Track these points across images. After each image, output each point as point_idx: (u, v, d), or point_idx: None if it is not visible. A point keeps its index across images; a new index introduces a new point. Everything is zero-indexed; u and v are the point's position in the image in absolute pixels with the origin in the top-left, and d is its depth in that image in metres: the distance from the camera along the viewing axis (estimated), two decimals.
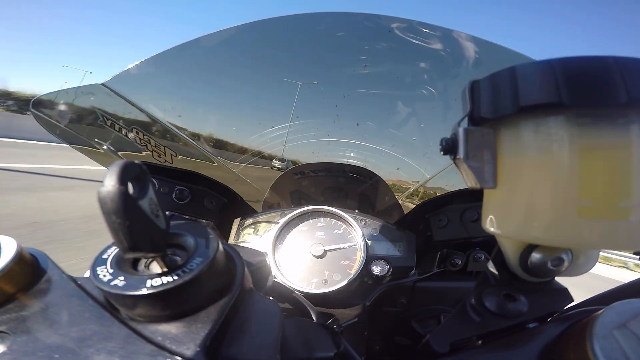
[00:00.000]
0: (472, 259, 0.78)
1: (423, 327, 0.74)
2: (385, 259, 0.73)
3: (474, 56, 0.89)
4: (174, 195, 0.82)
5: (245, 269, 0.29)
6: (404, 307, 0.78)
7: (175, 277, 0.23)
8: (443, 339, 0.38)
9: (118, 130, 0.90)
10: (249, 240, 0.82)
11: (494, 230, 0.30)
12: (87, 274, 0.25)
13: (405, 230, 0.80)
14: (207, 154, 1.02)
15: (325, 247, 0.75)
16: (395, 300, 0.79)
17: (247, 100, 1.14)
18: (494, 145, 0.28)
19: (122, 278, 0.24)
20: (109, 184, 0.19)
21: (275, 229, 0.79)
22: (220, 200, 0.86)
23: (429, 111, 1.05)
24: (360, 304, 0.70)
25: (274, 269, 0.72)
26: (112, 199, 0.19)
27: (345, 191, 1.09)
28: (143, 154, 0.93)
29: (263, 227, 0.84)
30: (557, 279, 0.40)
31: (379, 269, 0.72)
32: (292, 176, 1.05)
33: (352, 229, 0.78)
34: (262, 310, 0.27)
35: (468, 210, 0.76)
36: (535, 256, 0.34)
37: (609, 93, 0.23)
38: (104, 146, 0.92)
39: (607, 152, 0.24)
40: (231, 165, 1.06)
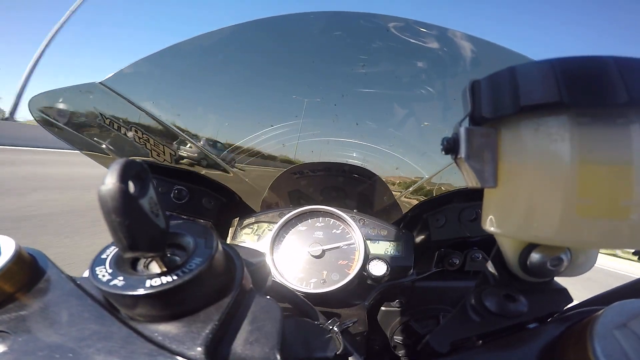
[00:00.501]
0: (470, 258, 0.78)
1: (422, 327, 0.74)
2: (383, 258, 0.73)
3: (472, 56, 0.89)
4: (172, 195, 0.82)
5: (245, 269, 0.29)
6: (402, 306, 0.79)
7: (174, 277, 0.23)
8: (443, 339, 0.38)
9: (117, 129, 0.90)
10: (247, 240, 0.82)
11: (494, 229, 0.30)
12: (86, 273, 0.25)
13: (404, 230, 0.80)
14: (207, 153, 1.01)
15: (324, 247, 0.75)
16: (394, 300, 0.79)
17: (245, 99, 1.14)
18: (494, 144, 0.28)
19: (121, 278, 0.24)
20: (110, 182, 0.19)
21: (273, 228, 0.79)
22: (219, 200, 0.86)
23: (427, 111, 1.05)
24: (360, 304, 0.70)
25: (272, 269, 0.72)
26: (113, 198, 0.19)
27: (344, 191, 1.09)
28: (142, 153, 0.93)
29: (262, 227, 0.84)
30: (557, 279, 0.40)
31: (378, 268, 0.72)
32: (290, 176, 1.05)
33: (351, 229, 0.78)
34: (261, 310, 0.27)
35: (466, 210, 0.76)
36: (535, 256, 0.34)
37: (609, 93, 0.23)
38: (103, 145, 0.92)
39: (608, 151, 0.24)
40: (230, 165, 1.06)
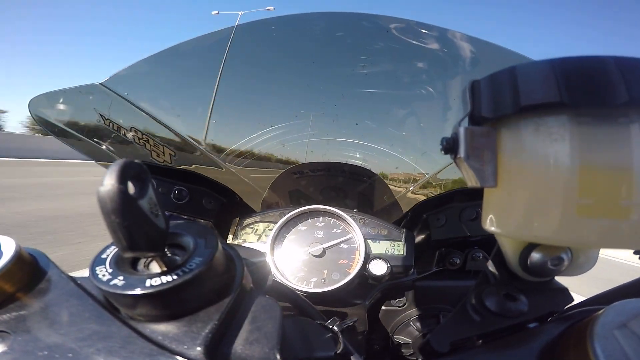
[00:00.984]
0: (471, 257, 0.78)
1: (422, 327, 0.74)
2: (384, 258, 0.73)
3: (472, 56, 0.90)
4: (172, 195, 0.81)
5: (245, 269, 0.29)
6: (403, 306, 0.78)
7: (174, 277, 0.23)
8: (443, 338, 0.38)
9: (116, 130, 0.90)
10: (247, 239, 0.82)
11: (494, 229, 0.30)
12: (86, 273, 0.25)
13: (404, 230, 0.80)
14: (207, 153, 1.02)
15: (324, 247, 0.75)
16: (395, 300, 0.79)
17: (244, 100, 1.14)
18: (494, 144, 0.28)
19: (121, 277, 0.24)
20: (109, 182, 0.19)
21: (274, 228, 0.79)
22: (219, 200, 0.86)
23: (427, 111, 1.05)
24: (360, 304, 0.70)
25: (272, 269, 0.72)
26: (112, 198, 0.19)
27: (344, 190, 1.09)
28: (142, 154, 0.93)
29: (262, 227, 0.84)
30: (557, 278, 0.40)
31: (378, 268, 0.72)
32: (290, 176, 1.04)
33: (351, 229, 0.78)
34: (262, 309, 0.27)
35: (466, 210, 0.76)
36: (535, 255, 0.34)
37: (610, 93, 0.23)
38: (103, 146, 0.92)
39: (608, 151, 0.24)
40: (230, 165, 1.06)
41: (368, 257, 0.73)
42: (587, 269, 0.35)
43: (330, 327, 0.42)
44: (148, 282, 0.23)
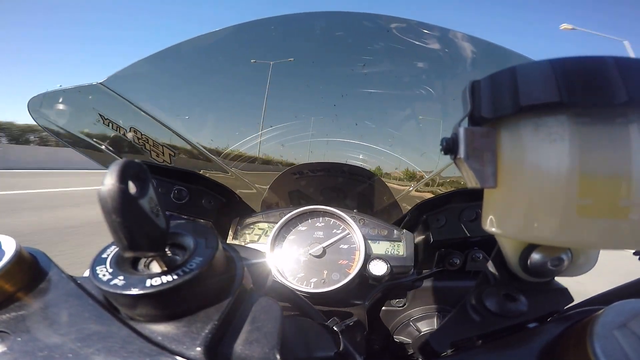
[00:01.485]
0: (471, 258, 0.78)
1: (422, 327, 0.74)
2: (384, 258, 0.73)
3: (473, 56, 0.89)
4: (172, 195, 0.81)
5: (245, 269, 0.29)
6: (403, 306, 0.79)
7: (174, 277, 0.23)
8: (443, 338, 0.38)
9: (116, 130, 0.90)
10: (247, 240, 0.82)
11: (494, 230, 0.30)
12: (87, 273, 0.25)
13: (404, 230, 0.80)
14: (206, 153, 1.02)
15: (324, 247, 0.75)
16: (394, 300, 0.79)
17: (244, 100, 1.14)
18: (494, 145, 0.28)
19: (121, 277, 0.24)
20: (109, 182, 0.19)
21: (274, 228, 0.79)
22: (219, 200, 0.85)
23: (427, 111, 1.05)
24: (360, 304, 0.71)
25: (272, 269, 0.72)
26: (112, 198, 0.19)
27: (344, 191, 1.09)
28: (141, 154, 0.93)
29: (262, 227, 0.84)
30: (557, 278, 0.40)
31: (378, 268, 0.72)
32: (290, 176, 1.05)
33: (351, 229, 0.78)
34: (261, 310, 0.27)
35: (466, 210, 0.76)
36: (535, 256, 0.34)
37: (609, 93, 0.23)
38: (102, 146, 0.92)
39: (607, 151, 0.24)
40: (230, 165, 1.06)
41: (368, 258, 0.73)
42: (587, 270, 0.35)
43: (330, 327, 0.42)
44: (148, 282, 0.23)
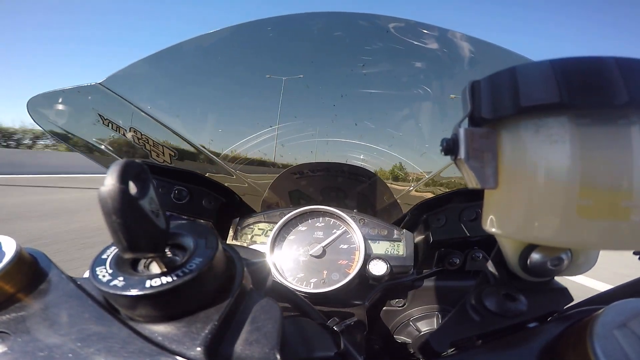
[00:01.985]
0: (470, 258, 0.78)
1: (422, 327, 0.74)
2: (384, 258, 0.73)
3: (472, 56, 0.89)
4: (172, 195, 0.81)
5: (245, 269, 0.29)
6: (402, 306, 0.79)
7: (174, 277, 0.23)
8: (443, 338, 0.38)
9: (116, 130, 0.90)
10: (247, 240, 0.82)
11: (495, 230, 0.30)
12: (87, 274, 0.25)
13: (404, 230, 0.80)
14: (206, 154, 1.02)
15: (324, 247, 0.75)
16: (394, 300, 0.79)
17: (244, 100, 1.14)
18: (494, 145, 0.28)
19: (121, 278, 0.24)
20: (110, 183, 0.19)
21: (274, 229, 0.79)
22: (219, 200, 0.85)
23: (427, 111, 1.05)
24: (360, 304, 0.71)
25: (272, 269, 0.72)
26: (113, 198, 0.19)
27: (343, 191, 1.09)
28: (141, 154, 0.93)
29: (262, 227, 0.84)
30: (557, 278, 0.40)
31: (378, 268, 0.72)
32: (290, 176, 1.05)
33: (351, 229, 0.78)
34: (261, 310, 0.27)
35: (466, 210, 0.76)
36: (535, 256, 0.34)
37: (610, 93, 0.23)
38: (102, 146, 0.92)
39: (608, 152, 0.24)
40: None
41: (368, 258, 0.73)
42: (587, 269, 0.35)
43: (330, 327, 0.42)
44: (148, 283, 0.23)
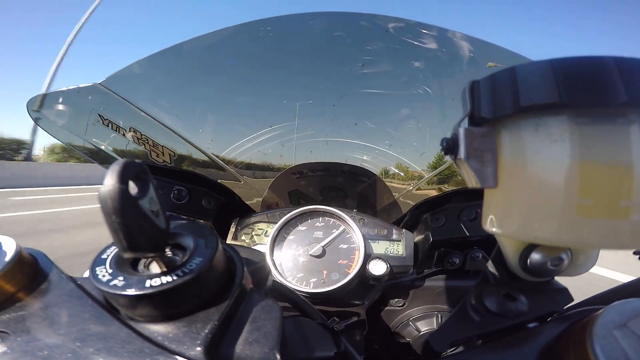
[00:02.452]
0: (470, 257, 0.78)
1: (422, 327, 0.74)
2: (383, 258, 0.73)
3: (471, 56, 0.89)
4: (172, 195, 0.81)
5: (245, 269, 0.29)
6: (402, 306, 0.79)
7: (174, 277, 0.23)
8: (443, 338, 0.38)
9: (116, 130, 0.90)
10: (247, 240, 0.82)
11: (495, 230, 0.30)
12: (87, 274, 0.25)
13: (404, 230, 0.80)
14: (206, 154, 1.02)
15: (324, 247, 0.75)
16: (394, 299, 0.79)
17: (244, 100, 1.14)
18: (494, 145, 0.28)
19: (121, 278, 0.24)
20: (109, 183, 0.19)
21: (273, 228, 0.79)
22: (219, 200, 0.85)
23: (426, 111, 1.05)
24: (360, 304, 0.71)
25: (272, 269, 0.72)
26: (112, 198, 0.19)
27: (343, 191, 1.09)
28: (141, 154, 0.93)
29: (261, 227, 0.84)
30: (557, 278, 0.40)
31: (378, 268, 0.72)
32: (290, 176, 1.05)
33: (351, 229, 0.78)
34: (261, 310, 0.27)
35: (466, 210, 0.76)
36: (535, 256, 0.34)
37: (609, 93, 0.23)
38: (102, 146, 0.92)
39: (607, 151, 0.24)
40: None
41: (368, 257, 0.73)
42: (587, 269, 0.35)
43: (330, 327, 0.42)
44: (148, 283, 0.23)
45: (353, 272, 0.71)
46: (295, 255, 0.76)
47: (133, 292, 0.22)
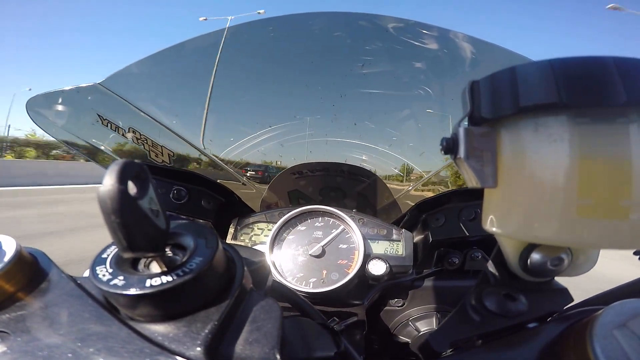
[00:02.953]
0: (470, 257, 0.78)
1: (422, 327, 0.74)
2: (383, 258, 0.73)
3: (472, 56, 0.90)
4: (171, 195, 0.81)
5: (245, 269, 0.29)
6: (402, 306, 0.79)
7: (174, 277, 0.23)
8: (443, 338, 0.38)
9: (115, 130, 0.90)
10: (247, 240, 0.82)
11: (495, 229, 0.30)
12: (87, 273, 0.25)
13: (403, 230, 0.80)
14: (206, 154, 1.01)
15: (323, 247, 0.75)
16: (394, 299, 0.79)
17: (243, 100, 1.14)
18: (494, 145, 0.28)
19: (121, 278, 0.24)
20: (108, 183, 0.19)
21: (273, 228, 0.79)
22: (218, 200, 0.85)
23: (426, 110, 1.05)
24: (359, 304, 0.71)
25: (272, 269, 0.72)
26: (112, 198, 0.19)
27: (343, 190, 1.09)
28: (140, 154, 0.93)
29: (261, 227, 0.84)
30: (557, 278, 0.40)
31: (377, 268, 0.72)
32: (289, 176, 1.05)
33: (350, 229, 0.78)
34: (261, 310, 0.27)
35: (465, 209, 0.76)
36: (535, 256, 0.34)
37: (609, 93, 0.23)
38: (101, 146, 0.92)
39: (607, 151, 0.24)
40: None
41: (367, 257, 0.73)
42: (587, 269, 0.35)
43: (330, 327, 0.42)
44: (148, 282, 0.23)
45: (352, 272, 0.71)
46: (294, 255, 0.75)
47: (133, 291, 0.22)
